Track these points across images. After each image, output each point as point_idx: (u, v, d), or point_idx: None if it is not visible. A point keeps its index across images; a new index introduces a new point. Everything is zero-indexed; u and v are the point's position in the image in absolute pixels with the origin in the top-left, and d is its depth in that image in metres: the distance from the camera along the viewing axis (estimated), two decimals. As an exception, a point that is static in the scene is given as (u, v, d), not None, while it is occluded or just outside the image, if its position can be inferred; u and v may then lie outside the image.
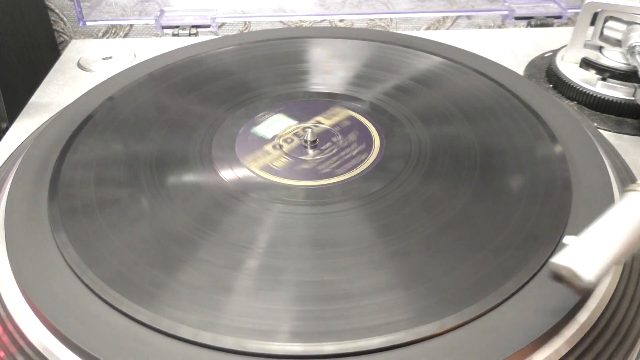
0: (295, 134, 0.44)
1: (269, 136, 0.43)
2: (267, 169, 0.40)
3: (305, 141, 0.43)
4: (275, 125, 0.44)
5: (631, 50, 0.47)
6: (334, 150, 0.42)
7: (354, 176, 0.39)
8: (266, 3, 0.78)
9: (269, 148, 0.42)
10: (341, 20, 0.88)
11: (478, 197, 0.37)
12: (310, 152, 0.42)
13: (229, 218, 0.36)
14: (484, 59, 0.53)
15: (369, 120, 0.45)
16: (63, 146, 0.42)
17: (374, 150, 0.42)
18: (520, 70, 0.57)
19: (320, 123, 0.45)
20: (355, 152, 0.41)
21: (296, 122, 0.45)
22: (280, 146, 0.42)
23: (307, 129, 0.43)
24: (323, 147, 0.42)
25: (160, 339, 0.28)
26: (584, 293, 0.26)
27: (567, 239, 0.27)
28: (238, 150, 0.42)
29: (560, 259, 0.26)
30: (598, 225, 0.28)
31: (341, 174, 0.40)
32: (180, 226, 0.35)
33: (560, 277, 0.26)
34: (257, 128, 0.43)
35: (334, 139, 0.43)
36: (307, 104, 0.47)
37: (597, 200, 0.36)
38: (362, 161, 0.41)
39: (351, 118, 0.45)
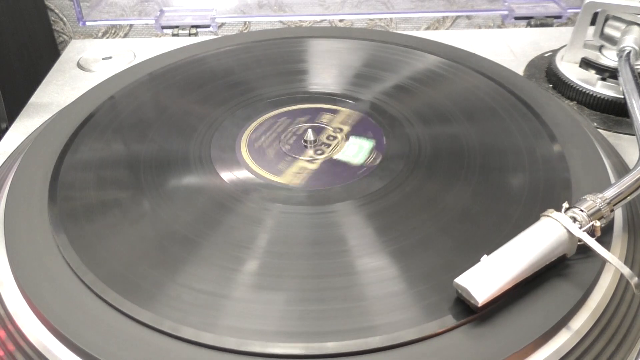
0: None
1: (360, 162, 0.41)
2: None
3: (305, 141, 0.43)
4: (361, 151, 0.42)
5: (620, 53, 0.48)
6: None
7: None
8: (266, 3, 0.78)
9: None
10: (341, 20, 0.88)
11: (478, 197, 0.37)
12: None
13: (229, 218, 0.36)
14: (484, 59, 0.53)
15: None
16: (63, 146, 0.42)
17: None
18: (520, 70, 0.57)
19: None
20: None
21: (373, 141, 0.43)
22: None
23: (307, 129, 0.43)
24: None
25: (161, 340, 0.28)
26: (479, 310, 0.29)
27: (482, 258, 0.30)
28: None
29: (460, 279, 0.29)
30: (507, 247, 0.30)
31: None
32: (181, 226, 0.35)
33: (461, 294, 0.29)
34: (342, 157, 0.41)
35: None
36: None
37: (597, 200, 0.36)
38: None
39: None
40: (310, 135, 0.42)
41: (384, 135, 0.43)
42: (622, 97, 0.45)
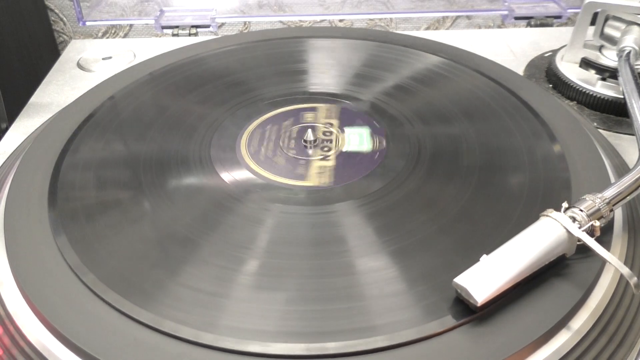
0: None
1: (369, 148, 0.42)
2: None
3: (305, 141, 0.43)
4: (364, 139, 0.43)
5: (620, 53, 0.48)
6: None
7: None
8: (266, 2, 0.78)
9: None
10: (341, 20, 0.88)
11: (478, 197, 0.37)
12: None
13: (229, 218, 0.36)
14: (484, 59, 0.53)
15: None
16: (63, 146, 0.42)
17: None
18: (520, 70, 0.57)
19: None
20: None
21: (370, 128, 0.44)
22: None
23: (307, 129, 0.43)
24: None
25: (161, 340, 0.28)
26: (478, 310, 0.29)
27: (482, 258, 0.30)
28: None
29: (460, 279, 0.29)
30: (506, 247, 0.30)
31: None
32: (181, 227, 0.35)
33: (460, 293, 0.29)
34: (351, 148, 0.42)
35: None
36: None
37: (597, 200, 0.36)
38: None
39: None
40: (310, 135, 0.42)
41: (374, 121, 0.43)
42: (622, 97, 0.45)
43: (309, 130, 0.43)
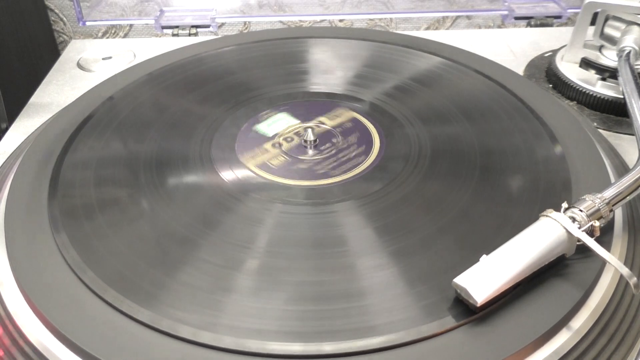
0: (296, 134, 0.44)
1: (270, 134, 0.43)
2: (264, 167, 0.40)
3: (305, 141, 0.43)
4: (278, 123, 0.44)
5: (620, 54, 0.48)
6: (333, 152, 0.42)
7: (350, 178, 0.39)
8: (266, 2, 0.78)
9: (269, 146, 0.42)
10: (341, 20, 0.88)
11: (478, 197, 0.37)
12: (310, 152, 0.42)
13: (228, 218, 0.36)
14: (484, 59, 0.53)
15: (370, 122, 0.45)
16: (63, 146, 0.42)
17: (372, 153, 0.42)
18: (520, 70, 0.57)
19: (322, 123, 0.45)
20: (353, 154, 0.41)
21: (299, 121, 0.45)
22: (280, 145, 0.42)
23: (307, 129, 0.43)
24: (322, 148, 0.42)
25: (160, 339, 0.28)
26: (478, 310, 0.29)
27: (482, 258, 0.30)
28: (238, 147, 0.42)
29: (459, 279, 0.29)
30: (505, 247, 0.30)
31: (336, 175, 0.40)
32: (180, 226, 0.35)
33: (460, 294, 0.29)
34: (259, 126, 0.44)
35: (334, 140, 0.43)
36: (312, 104, 0.47)
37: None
38: (359, 164, 0.41)
39: (354, 120, 0.45)
40: (310, 135, 0.42)
41: (384, 135, 0.43)
42: (622, 97, 0.45)
43: (310, 130, 0.43)
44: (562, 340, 0.29)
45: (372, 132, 0.44)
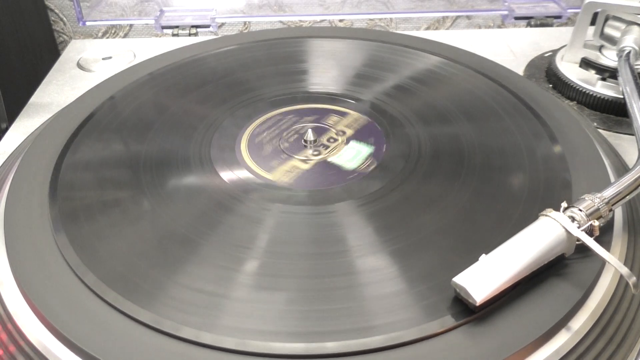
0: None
1: (352, 167, 0.41)
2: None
3: (305, 141, 0.43)
4: (358, 156, 0.41)
5: (620, 54, 0.48)
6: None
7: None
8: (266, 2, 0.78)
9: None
10: (341, 20, 0.88)
11: (478, 197, 0.37)
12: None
13: (229, 218, 0.36)
14: (484, 59, 0.53)
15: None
16: (63, 146, 0.42)
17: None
18: (520, 70, 0.57)
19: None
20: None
21: (372, 148, 0.42)
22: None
23: (307, 129, 0.43)
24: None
25: (161, 340, 0.28)
26: (477, 309, 0.29)
27: (481, 257, 0.30)
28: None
29: (458, 278, 0.29)
30: (505, 247, 0.30)
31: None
32: (181, 226, 0.35)
33: (459, 293, 0.29)
34: (335, 160, 0.41)
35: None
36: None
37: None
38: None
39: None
40: (310, 135, 0.42)
41: (384, 139, 0.43)
42: (622, 97, 0.45)
43: (309, 131, 0.43)
44: (562, 340, 0.29)
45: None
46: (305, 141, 0.43)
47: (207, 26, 0.68)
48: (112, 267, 0.32)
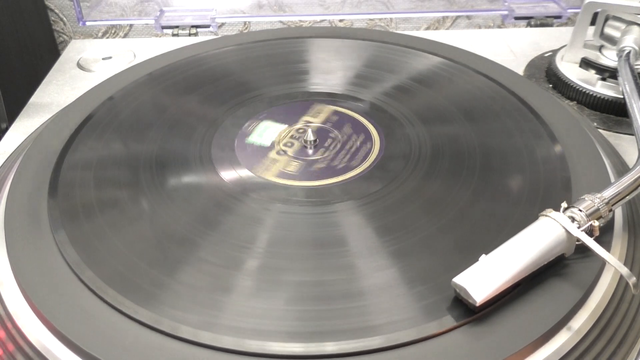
0: (292, 137, 0.44)
1: (268, 143, 0.43)
2: (283, 175, 0.40)
3: (306, 141, 0.43)
4: (268, 132, 0.44)
5: (620, 53, 0.48)
6: (338, 146, 0.42)
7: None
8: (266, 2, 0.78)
9: (274, 155, 0.42)
10: (341, 20, 0.88)
11: (478, 197, 0.37)
12: (314, 151, 0.42)
13: (228, 218, 0.36)
14: (484, 59, 0.53)
15: (370, 122, 0.45)
16: (63, 146, 0.42)
17: (373, 139, 0.42)
18: (520, 70, 0.57)
19: (309, 122, 0.45)
20: (358, 142, 0.41)
21: (286, 125, 0.45)
22: (284, 151, 0.42)
23: (305, 129, 0.43)
24: (326, 145, 0.42)
25: (160, 339, 0.28)
26: (477, 310, 0.29)
27: (481, 257, 0.30)
28: (245, 163, 0.41)
29: (458, 279, 0.29)
30: (505, 247, 0.30)
31: (357, 165, 0.40)
32: (180, 226, 0.35)
33: (459, 293, 0.29)
34: (252, 138, 0.43)
35: (332, 135, 0.43)
36: (288, 107, 0.47)
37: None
38: (370, 149, 0.41)
39: (337, 112, 0.45)
40: (310, 135, 0.42)
41: (384, 135, 0.43)
42: (622, 97, 0.45)
43: (309, 130, 0.43)
44: (562, 340, 0.29)
45: (362, 121, 0.44)
46: (306, 141, 0.43)
47: (207, 26, 0.68)
48: (111, 266, 0.32)
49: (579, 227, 0.31)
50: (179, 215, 0.36)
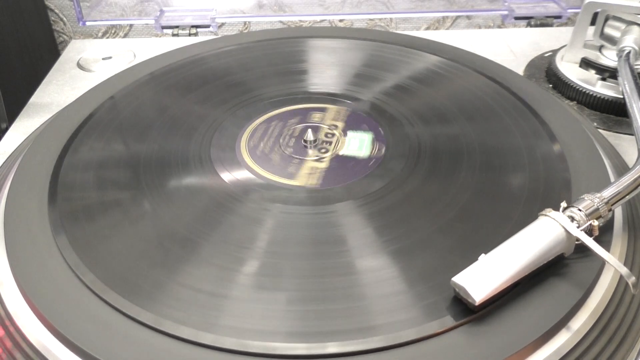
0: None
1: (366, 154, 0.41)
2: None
3: (305, 141, 0.43)
4: (364, 144, 0.42)
5: (620, 54, 0.48)
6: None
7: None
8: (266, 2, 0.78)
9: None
10: (341, 20, 0.89)
11: (478, 197, 0.37)
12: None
13: (229, 218, 0.36)
14: (484, 59, 0.53)
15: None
16: (63, 146, 0.42)
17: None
18: (520, 70, 0.57)
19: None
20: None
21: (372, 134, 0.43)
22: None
23: (307, 129, 0.43)
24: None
25: (161, 340, 0.28)
26: (477, 309, 0.29)
27: (480, 257, 0.30)
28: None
29: (458, 278, 0.29)
30: (504, 246, 0.30)
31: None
32: (181, 227, 0.35)
33: (458, 292, 0.29)
34: (346, 152, 0.41)
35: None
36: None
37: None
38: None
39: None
40: (310, 135, 0.42)
41: (380, 127, 0.43)
42: (622, 97, 0.45)
43: (309, 130, 0.43)
44: (562, 340, 0.29)
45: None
46: (305, 141, 0.43)
47: (207, 26, 0.68)
48: (112, 267, 0.32)
49: (578, 227, 0.31)
50: (179, 216, 0.36)
